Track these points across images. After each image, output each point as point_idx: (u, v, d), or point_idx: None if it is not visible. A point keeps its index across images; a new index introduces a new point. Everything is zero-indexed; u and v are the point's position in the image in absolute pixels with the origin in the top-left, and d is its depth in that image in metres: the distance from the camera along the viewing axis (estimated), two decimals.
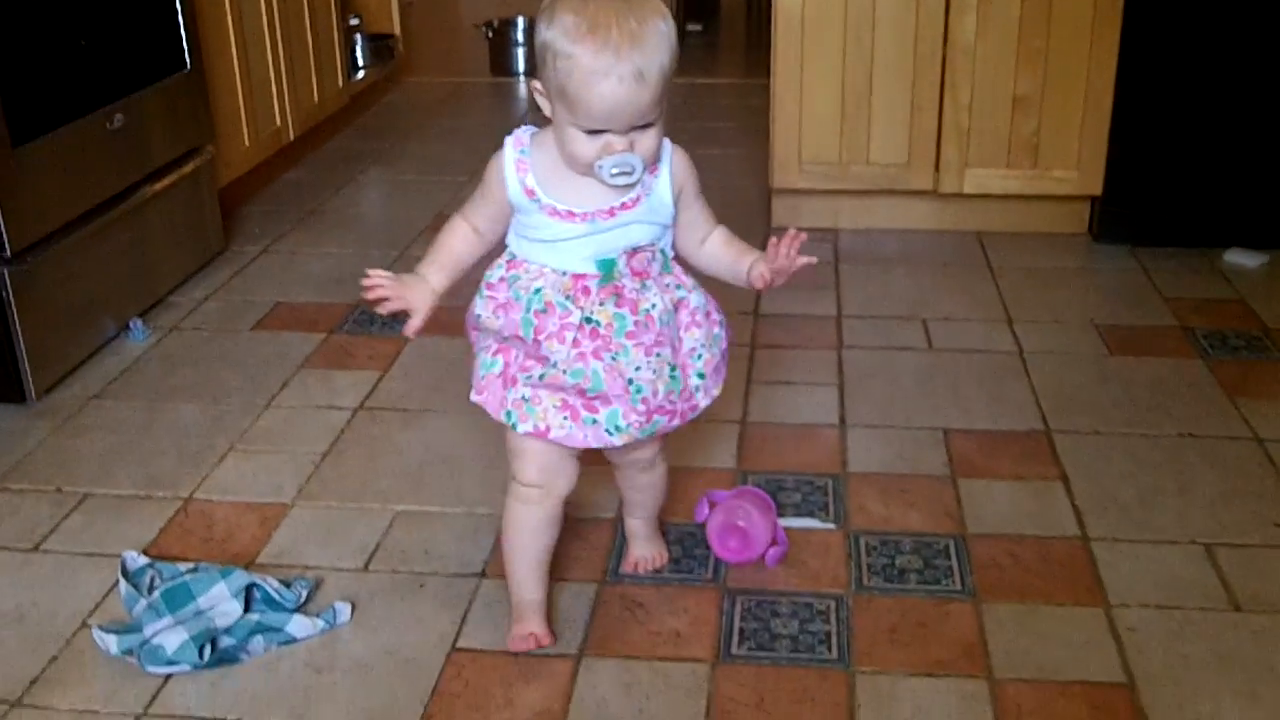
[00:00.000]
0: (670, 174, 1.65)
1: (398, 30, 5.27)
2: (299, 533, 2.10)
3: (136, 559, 1.98)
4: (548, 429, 1.67)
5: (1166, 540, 2.04)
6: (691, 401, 1.74)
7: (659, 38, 1.50)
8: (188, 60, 3.10)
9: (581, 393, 1.65)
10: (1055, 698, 1.70)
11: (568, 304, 1.63)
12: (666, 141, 1.65)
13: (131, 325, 2.84)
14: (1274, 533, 2.06)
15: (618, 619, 1.87)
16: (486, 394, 1.72)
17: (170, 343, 2.83)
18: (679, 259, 1.74)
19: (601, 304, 1.63)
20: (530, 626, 1.81)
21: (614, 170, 1.54)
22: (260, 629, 1.83)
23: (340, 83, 4.42)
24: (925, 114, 3.30)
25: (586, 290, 1.63)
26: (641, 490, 1.95)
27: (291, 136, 3.97)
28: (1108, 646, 1.80)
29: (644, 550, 2.00)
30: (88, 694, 1.74)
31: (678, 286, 1.71)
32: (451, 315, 1.81)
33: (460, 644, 1.83)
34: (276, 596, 1.88)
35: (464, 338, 2.79)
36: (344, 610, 1.89)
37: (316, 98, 4.17)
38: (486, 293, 1.69)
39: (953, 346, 2.75)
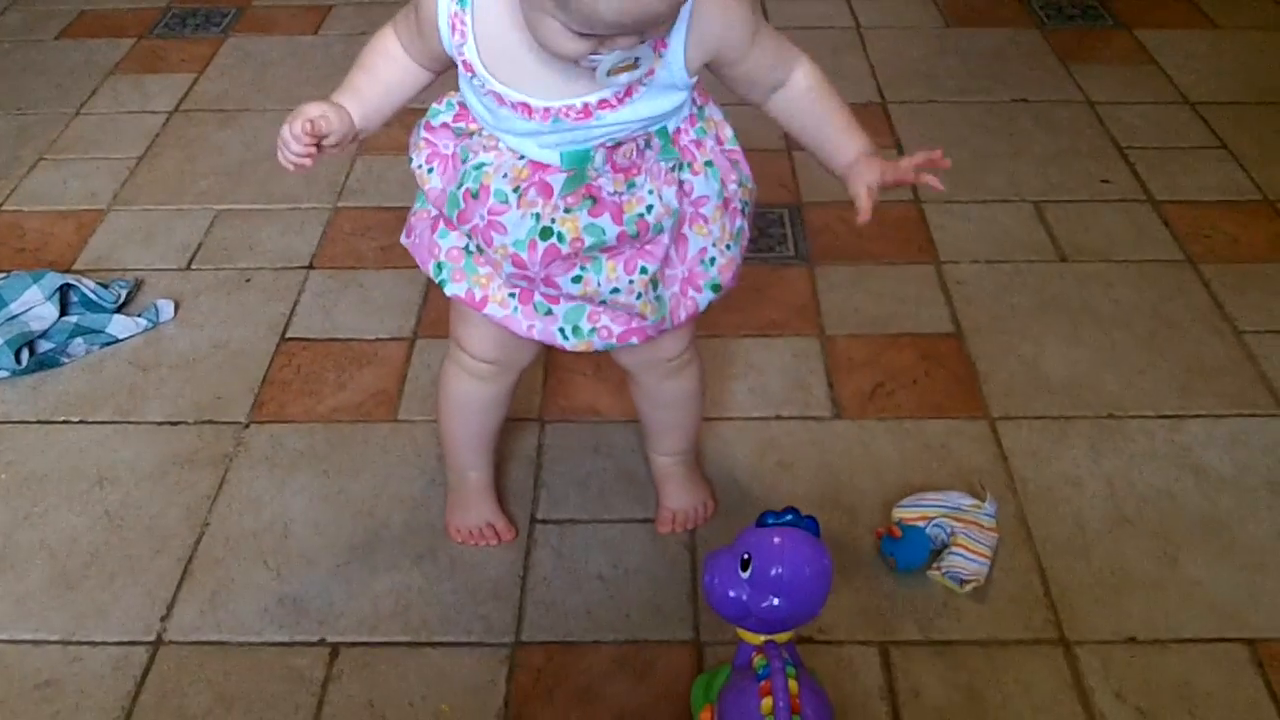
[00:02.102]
0: (687, 38, 1.08)
1: None
2: (117, 237, 2.01)
3: None
4: (485, 300, 1.24)
5: (997, 199, 2.06)
6: (693, 309, 1.26)
7: None
8: None
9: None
10: (885, 349, 1.73)
11: (509, 197, 1.14)
12: None
13: None
14: (1101, 188, 2.09)
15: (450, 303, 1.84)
16: (414, 237, 1.28)
17: None
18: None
19: (568, 210, 1.14)
20: (485, 514, 1.45)
21: (612, 68, 1.01)
22: (79, 331, 1.77)
23: None
24: None
25: (547, 189, 1.14)
26: (666, 406, 1.42)
27: None
28: (937, 300, 1.83)
29: (682, 500, 1.47)
30: None
31: (681, 165, 1.18)
32: (268, 11, 1.68)
33: (290, 334, 1.79)
34: (94, 297, 1.81)
35: (284, 33, 2.69)
36: (167, 308, 1.83)
37: None
38: (424, 134, 1.21)
39: (789, 24, 2.68)
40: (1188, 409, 1.63)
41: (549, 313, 1.23)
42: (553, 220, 1.14)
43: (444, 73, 1.19)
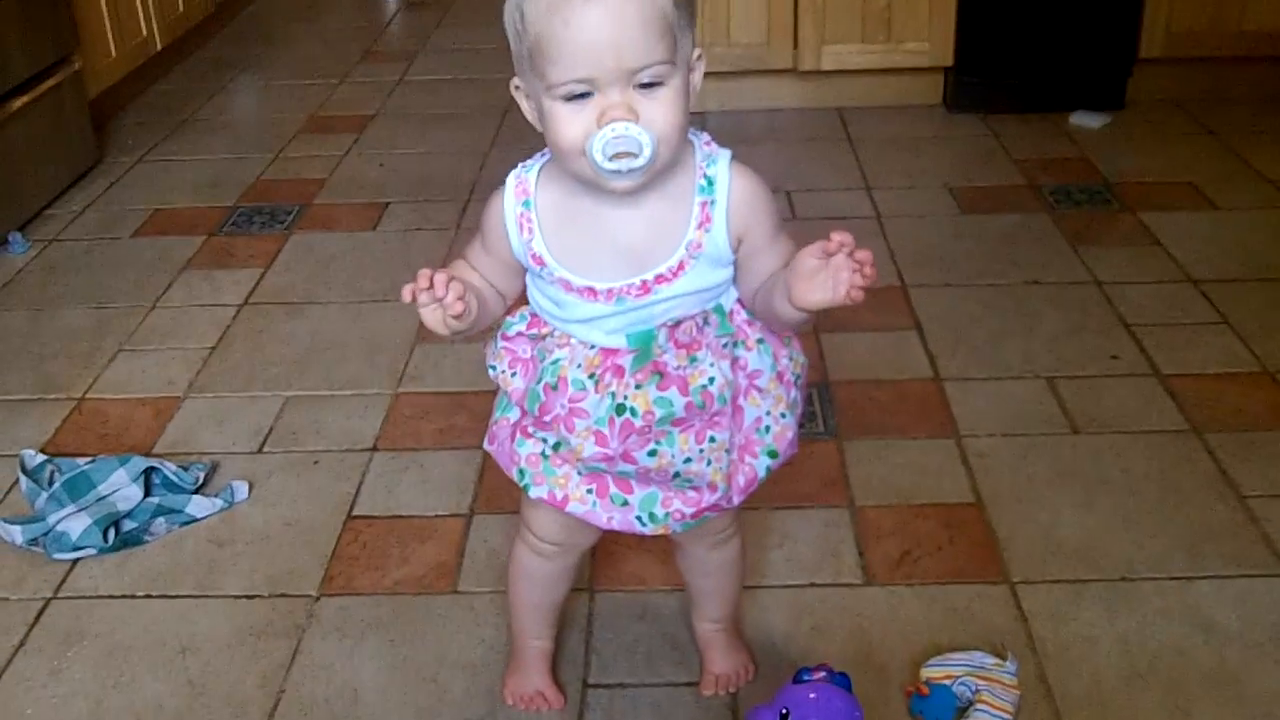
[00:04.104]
0: (728, 212, 1.21)
1: None
2: (193, 422, 2.17)
3: (34, 456, 2.03)
4: (566, 499, 1.34)
5: (1012, 375, 2.20)
6: (752, 476, 1.35)
7: None
8: None
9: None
10: (911, 519, 1.85)
11: (587, 384, 1.26)
12: (721, 157, 1.23)
13: (11, 238, 2.85)
14: (1110, 364, 2.22)
15: (506, 481, 1.97)
16: (497, 444, 1.39)
17: (51, 253, 2.85)
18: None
19: (639, 387, 1.25)
20: (536, 682, 1.55)
21: (609, 150, 1.11)
22: (161, 511, 1.91)
23: None
24: None
25: (619, 370, 1.25)
26: (711, 574, 1.53)
27: (159, 46, 3.94)
28: (958, 472, 1.95)
29: (724, 664, 1.57)
30: None
31: (735, 343, 1.29)
32: (329, 209, 1.85)
33: (356, 512, 1.93)
34: (175, 479, 1.95)
35: (345, 229, 2.89)
36: (242, 489, 1.97)
37: (181, 6, 4.14)
38: (503, 344, 1.34)
39: (815, 215, 2.88)
40: (1196, 570, 1.74)
41: (625, 503, 1.33)
42: (625, 397, 1.24)
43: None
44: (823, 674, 1.24)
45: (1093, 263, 2.59)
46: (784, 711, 1.22)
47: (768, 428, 1.32)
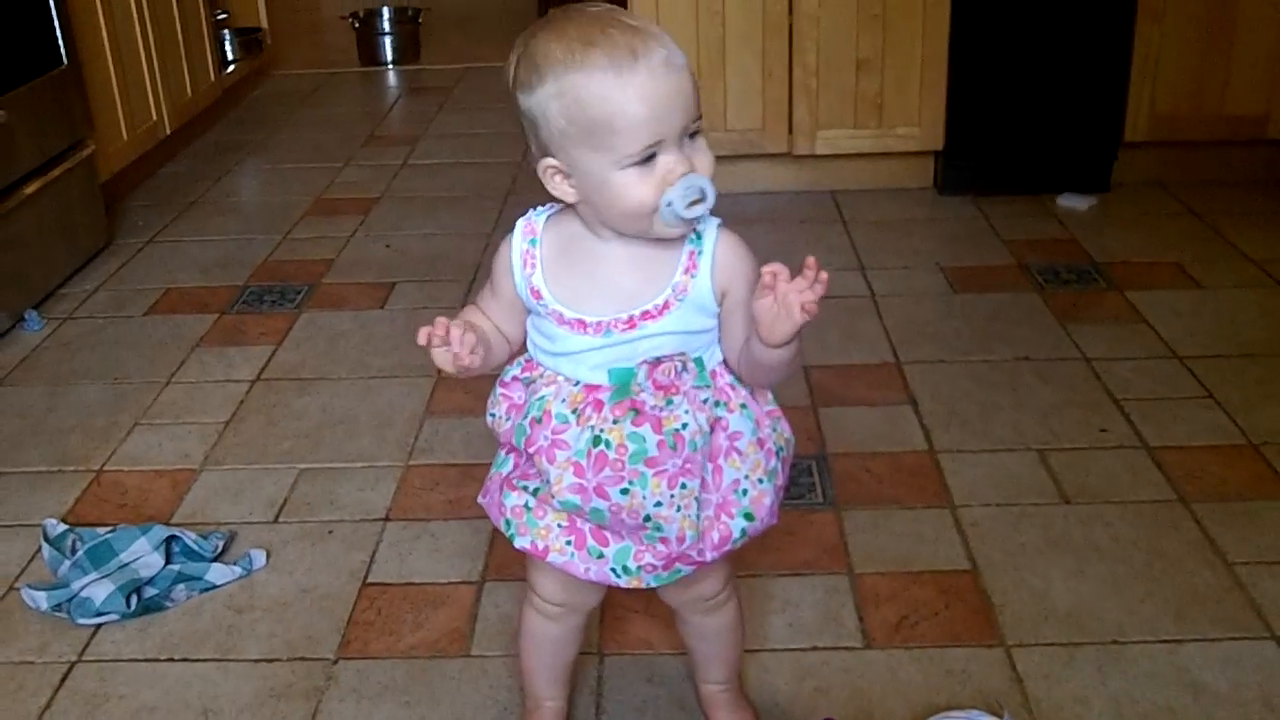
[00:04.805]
0: (713, 267, 1.31)
1: (265, 23, 5.36)
2: (209, 493, 2.23)
3: (56, 525, 2.09)
4: (546, 549, 1.40)
5: (1004, 448, 2.27)
6: (726, 534, 1.39)
7: (663, 35, 1.24)
8: (64, 57, 3.18)
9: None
10: (908, 585, 1.92)
11: (569, 418, 1.34)
12: (711, 221, 1.32)
13: (26, 316, 2.92)
14: (1099, 436, 2.30)
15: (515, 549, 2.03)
16: (489, 497, 1.49)
17: (66, 331, 2.92)
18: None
19: (615, 421, 1.32)
20: None
21: (688, 198, 1.21)
22: (182, 578, 1.97)
23: (212, 76, 4.51)
24: (776, 79, 3.52)
25: (598, 405, 1.33)
26: (708, 639, 1.59)
27: (168, 130, 4.05)
28: (953, 540, 2.02)
29: None
30: (22, 648, 1.86)
31: (716, 403, 1.36)
32: (337, 289, 1.92)
33: (371, 579, 1.98)
34: (195, 547, 2.01)
35: (353, 308, 2.97)
36: (259, 556, 2.03)
37: (190, 92, 4.26)
38: (500, 390, 1.44)
39: None
40: (1185, 633, 1.80)
41: (600, 555, 1.39)
42: (601, 430, 1.32)
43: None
44: None
45: (1081, 340, 2.67)
46: None
47: (745, 491, 1.38)
